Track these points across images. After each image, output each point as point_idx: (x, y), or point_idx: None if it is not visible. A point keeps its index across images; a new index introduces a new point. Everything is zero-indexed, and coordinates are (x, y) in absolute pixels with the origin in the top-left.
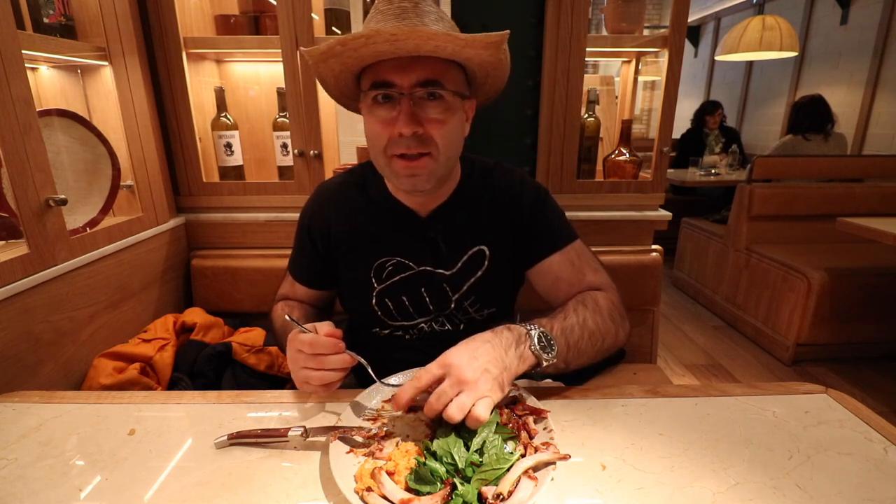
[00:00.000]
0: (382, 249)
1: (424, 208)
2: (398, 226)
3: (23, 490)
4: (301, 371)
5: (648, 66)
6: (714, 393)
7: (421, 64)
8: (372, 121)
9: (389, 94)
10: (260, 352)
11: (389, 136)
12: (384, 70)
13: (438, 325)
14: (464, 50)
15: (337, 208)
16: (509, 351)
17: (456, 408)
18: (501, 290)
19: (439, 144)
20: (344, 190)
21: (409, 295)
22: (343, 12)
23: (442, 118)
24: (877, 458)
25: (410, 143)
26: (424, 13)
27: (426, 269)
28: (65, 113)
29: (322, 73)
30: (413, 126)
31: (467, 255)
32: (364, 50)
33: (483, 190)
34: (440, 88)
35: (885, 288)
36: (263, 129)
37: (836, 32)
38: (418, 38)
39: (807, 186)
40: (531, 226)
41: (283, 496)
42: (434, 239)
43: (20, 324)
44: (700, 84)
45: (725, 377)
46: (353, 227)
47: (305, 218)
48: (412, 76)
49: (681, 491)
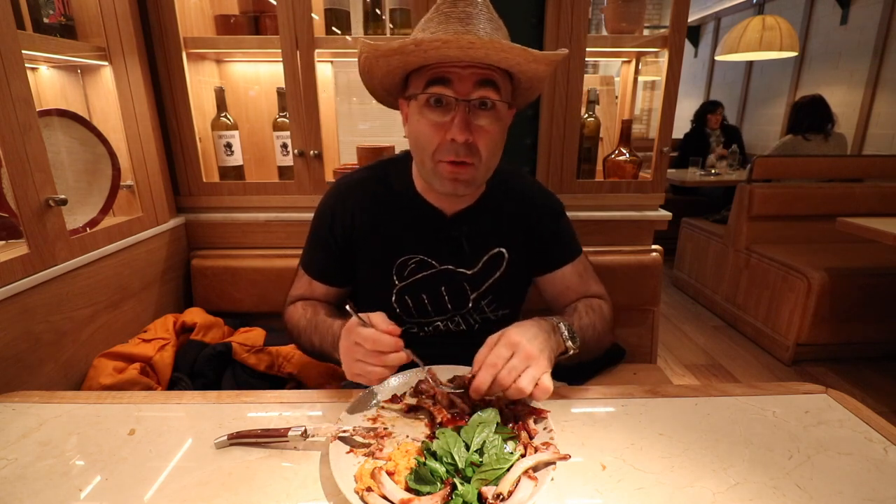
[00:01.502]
0: (406, 247)
1: (451, 208)
2: (423, 224)
3: (23, 490)
4: (356, 364)
5: (648, 66)
6: (714, 393)
7: (481, 71)
8: (423, 123)
9: (445, 98)
10: (260, 352)
11: (440, 141)
12: (443, 69)
13: (454, 325)
14: (530, 64)
15: (361, 202)
16: (551, 336)
17: (528, 380)
18: (516, 291)
19: (483, 155)
20: (367, 185)
21: (429, 293)
22: (343, 12)
23: (490, 128)
24: (877, 458)
25: (460, 150)
26: (487, 20)
27: (448, 269)
28: (65, 113)
29: (375, 68)
30: (466, 134)
31: (488, 255)
32: (434, 52)
33: (505, 196)
34: (495, 98)
35: (885, 288)
36: (263, 129)
37: (836, 32)
38: (492, 48)
39: (807, 186)
40: (548, 236)
41: (283, 496)
42: (458, 238)
43: (20, 324)
44: (700, 84)
45: (725, 377)
46: (376, 223)
47: (327, 210)
48: (471, 83)
49: (681, 491)
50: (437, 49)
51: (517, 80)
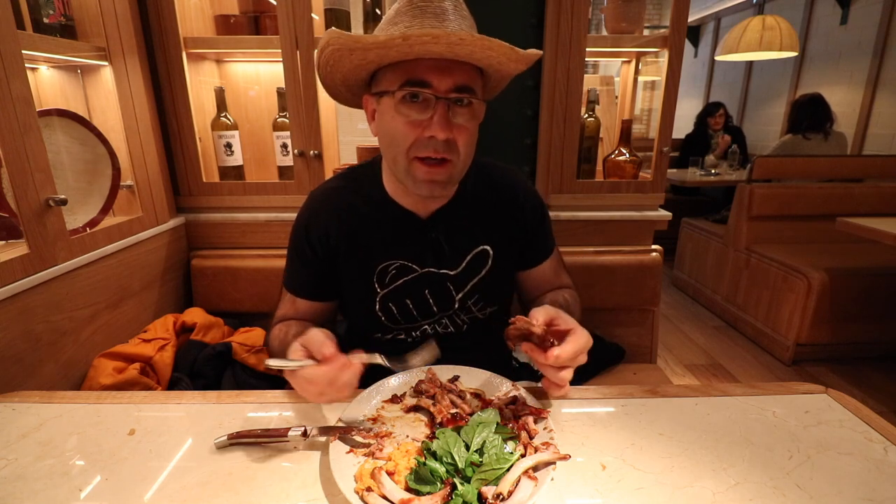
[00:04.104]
0: (384, 253)
1: (425, 210)
2: (398, 229)
3: (23, 490)
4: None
5: (648, 66)
6: (714, 393)
7: (459, 68)
8: (399, 120)
9: (423, 95)
10: (260, 352)
11: (417, 137)
12: (421, 70)
13: (441, 328)
14: (510, 63)
15: (334, 213)
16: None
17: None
18: (503, 287)
19: (461, 151)
20: (338, 194)
21: (412, 298)
22: (343, 12)
23: (468, 124)
24: (877, 458)
25: (439, 146)
26: (461, 16)
27: (430, 271)
28: (65, 113)
29: (343, 61)
30: (447, 132)
31: (471, 254)
32: (420, 48)
33: (483, 189)
34: (472, 95)
35: (885, 288)
36: (263, 129)
37: (836, 32)
38: (479, 46)
39: (807, 186)
40: (532, 231)
41: (283, 496)
42: (437, 239)
43: (20, 324)
44: (700, 84)
45: (725, 377)
46: (351, 232)
47: (301, 226)
48: (449, 80)
49: (681, 491)
50: (423, 45)
51: (486, 77)
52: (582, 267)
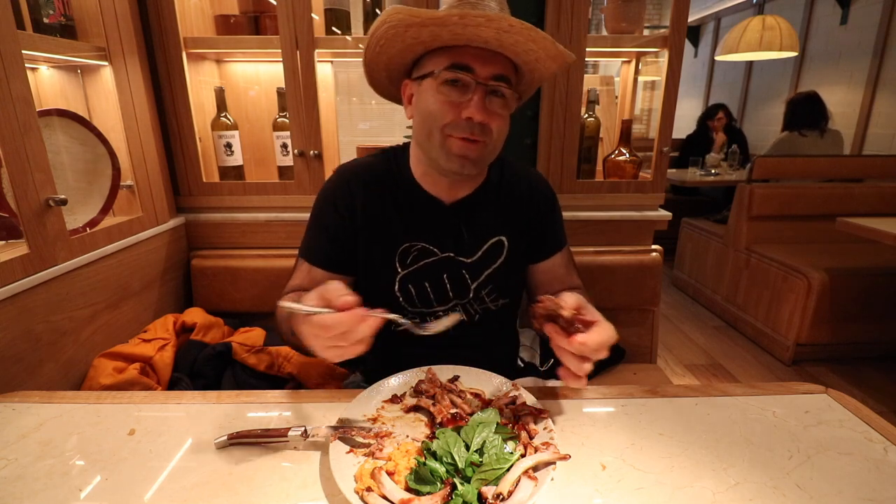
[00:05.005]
0: (408, 234)
1: (449, 197)
2: (423, 212)
3: (23, 490)
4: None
5: (648, 66)
6: (714, 393)
7: (500, 60)
8: (439, 99)
9: (465, 80)
10: (260, 352)
11: (454, 117)
12: (467, 56)
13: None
14: (547, 60)
15: (364, 186)
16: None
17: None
18: (516, 280)
19: (494, 136)
20: (369, 171)
21: (431, 281)
22: (343, 12)
23: (502, 112)
24: (877, 458)
25: (475, 129)
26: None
27: (449, 256)
28: (65, 113)
29: (396, 41)
30: (483, 115)
31: (488, 244)
32: (471, 30)
33: (504, 182)
34: (508, 86)
35: (885, 288)
36: (263, 129)
37: (836, 32)
38: (525, 35)
39: (807, 186)
40: (545, 223)
41: (283, 496)
42: (458, 225)
43: (20, 324)
44: (700, 84)
45: (725, 377)
46: (378, 209)
47: (329, 191)
48: (490, 68)
49: (681, 491)
50: (476, 26)
51: (520, 76)
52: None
